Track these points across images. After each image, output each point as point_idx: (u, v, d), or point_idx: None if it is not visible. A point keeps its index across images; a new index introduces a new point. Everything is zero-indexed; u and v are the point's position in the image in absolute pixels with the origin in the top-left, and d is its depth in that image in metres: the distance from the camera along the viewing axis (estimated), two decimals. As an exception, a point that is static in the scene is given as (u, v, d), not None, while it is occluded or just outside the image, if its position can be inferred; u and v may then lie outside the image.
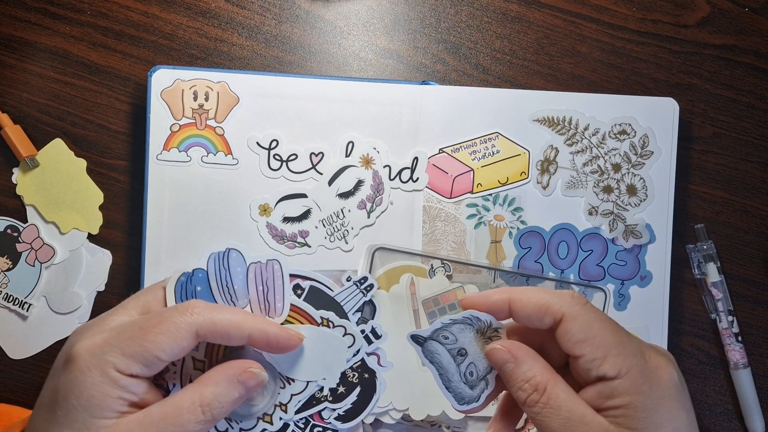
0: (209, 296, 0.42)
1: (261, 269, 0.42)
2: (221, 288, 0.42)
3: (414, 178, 0.52)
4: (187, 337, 0.38)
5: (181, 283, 0.41)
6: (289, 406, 0.44)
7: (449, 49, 0.55)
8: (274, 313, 0.43)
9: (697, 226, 0.55)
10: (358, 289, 0.45)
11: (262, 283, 0.43)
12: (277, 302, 0.43)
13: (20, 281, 0.53)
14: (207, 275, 0.42)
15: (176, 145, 0.51)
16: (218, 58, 0.54)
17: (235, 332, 0.39)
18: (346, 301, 0.45)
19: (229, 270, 0.42)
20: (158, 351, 0.37)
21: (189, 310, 0.38)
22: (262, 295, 0.43)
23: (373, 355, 0.46)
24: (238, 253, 0.42)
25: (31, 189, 0.53)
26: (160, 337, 0.37)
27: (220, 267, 0.42)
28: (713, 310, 0.55)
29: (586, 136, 0.53)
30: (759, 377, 0.55)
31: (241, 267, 0.42)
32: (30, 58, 0.54)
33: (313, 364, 0.43)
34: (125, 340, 0.37)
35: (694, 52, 0.55)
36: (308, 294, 0.44)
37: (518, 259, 0.53)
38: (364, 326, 0.45)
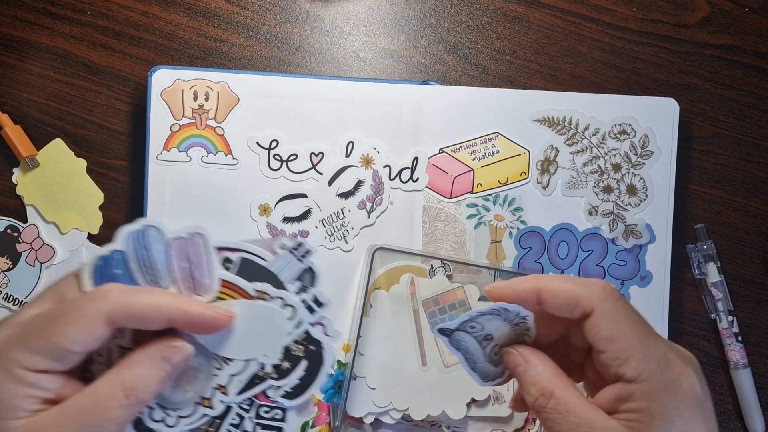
0: (129, 279, 0.38)
1: (183, 244, 0.39)
2: (142, 269, 0.39)
3: (414, 178, 0.52)
4: (99, 325, 0.35)
5: (98, 267, 0.38)
6: (230, 387, 0.41)
7: (449, 49, 0.55)
8: (201, 290, 0.39)
9: (697, 226, 0.55)
10: (294, 257, 0.41)
11: (186, 259, 0.39)
12: (203, 278, 0.39)
13: (20, 281, 0.53)
14: (125, 256, 0.38)
15: (176, 145, 0.51)
16: (218, 58, 0.54)
17: (153, 315, 0.36)
18: (282, 271, 0.41)
19: (148, 248, 0.39)
20: (67, 343, 0.34)
21: (100, 296, 0.36)
22: (187, 271, 0.39)
23: (318, 325, 0.42)
24: (156, 230, 0.39)
25: (32, 189, 0.53)
26: (68, 327, 0.35)
27: (138, 246, 0.39)
28: (713, 310, 0.55)
29: (586, 136, 0.53)
30: (759, 377, 0.55)
31: (160, 244, 0.39)
32: (30, 58, 0.54)
33: (250, 341, 0.40)
34: (30, 335, 0.35)
35: (694, 52, 0.55)
36: (239, 267, 0.41)
37: (518, 259, 0.53)
38: (305, 295, 0.42)
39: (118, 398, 0.35)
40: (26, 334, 0.35)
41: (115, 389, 0.35)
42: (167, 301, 0.37)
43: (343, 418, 0.50)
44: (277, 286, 0.41)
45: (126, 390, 0.35)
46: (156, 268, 0.39)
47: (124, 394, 0.35)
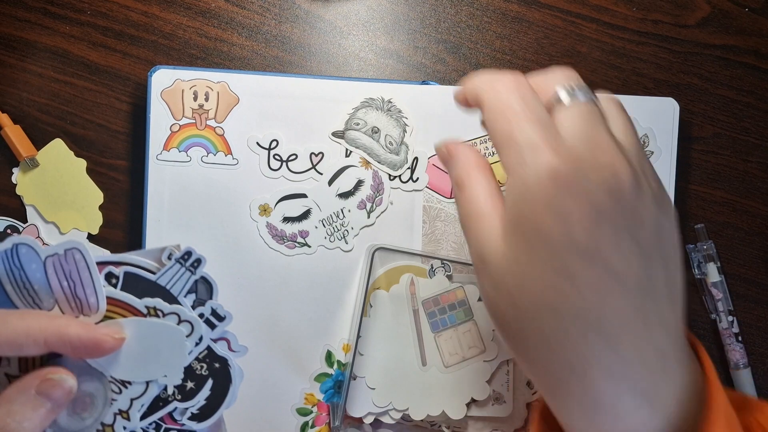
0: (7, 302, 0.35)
1: (60, 261, 0.36)
2: (18, 290, 0.36)
3: (414, 178, 0.52)
4: None
5: None
6: (131, 412, 0.38)
7: (449, 49, 0.55)
8: (88, 310, 0.37)
9: (697, 226, 0.55)
10: (183, 267, 0.38)
11: (66, 277, 0.36)
12: (88, 297, 0.36)
13: (20, 281, 0.53)
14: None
15: (176, 145, 0.51)
16: (218, 58, 0.54)
17: (25, 341, 0.33)
18: (173, 283, 0.38)
19: (22, 268, 0.36)
20: None
21: None
22: (69, 290, 0.36)
23: (222, 341, 0.39)
24: (29, 247, 0.36)
25: (31, 189, 0.53)
26: None
27: (11, 266, 0.36)
28: (713, 310, 0.55)
29: (586, 136, 0.53)
30: (759, 377, 0.55)
31: (35, 263, 0.36)
32: (30, 58, 0.54)
33: (147, 362, 0.37)
34: None
35: (695, 52, 0.55)
36: (124, 281, 0.37)
37: (518, 259, 0.53)
38: (202, 309, 0.39)
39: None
40: None
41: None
42: (41, 326, 0.34)
43: (342, 418, 0.50)
44: (169, 300, 0.38)
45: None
46: (34, 288, 0.36)
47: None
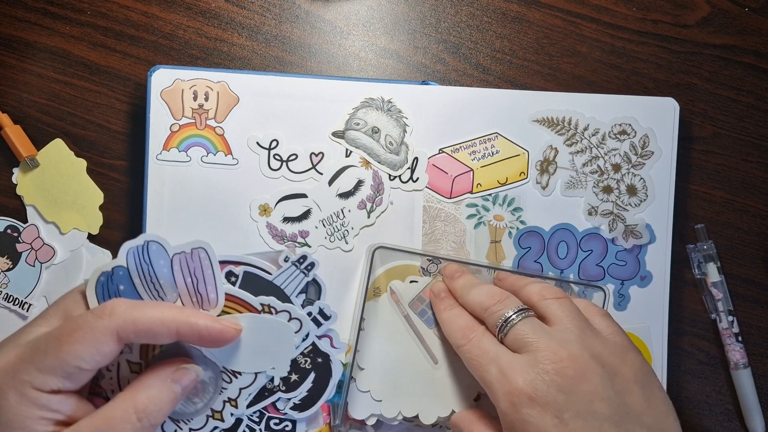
0: (134, 294, 0.38)
1: (186, 259, 0.39)
2: (146, 284, 0.38)
3: (414, 178, 0.52)
4: (108, 341, 0.35)
5: (101, 283, 0.38)
6: (239, 400, 0.41)
7: (449, 49, 0.55)
8: (208, 305, 0.39)
9: (698, 226, 0.55)
10: (298, 270, 0.42)
11: (190, 273, 0.39)
12: (209, 292, 0.39)
13: (20, 281, 0.53)
14: (128, 272, 0.38)
15: (176, 145, 0.51)
16: (218, 58, 0.54)
17: (160, 329, 0.36)
18: (287, 284, 0.42)
19: (151, 264, 0.38)
20: (78, 361, 0.34)
21: (107, 312, 0.35)
22: (192, 287, 0.39)
23: (325, 338, 0.43)
24: (158, 245, 0.38)
25: (31, 189, 0.53)
26: (77, 345, 0.34)
27: (140, 261, 0.38)
28: (713, 310, 0.55)
29: (586, 136, 0.53)
30: (759, 377, 0.55)
31: (164, 259, 0.38)
32: (30, 58, 0.54)
33: (258, 354, 0.40)
34: (40, 354, 0.34)
35: (695, 52, 0.55)
36: (243, 280, 0.41)
37: (518, 259, 0.53)
38: (311, 308, 0.42)
39: (132, 421, 0.35)
40: (36, 353, 0.35)
41: (129, 412, 0.35)
42: (174, 315, 0.37)
43: (343, 418, 0.50)
44: (282, 299, 0.41)
45: (139, 413, 0.35)
46: (160, 283, 0.39)
47: (137, 416, 0.35)
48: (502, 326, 0.43)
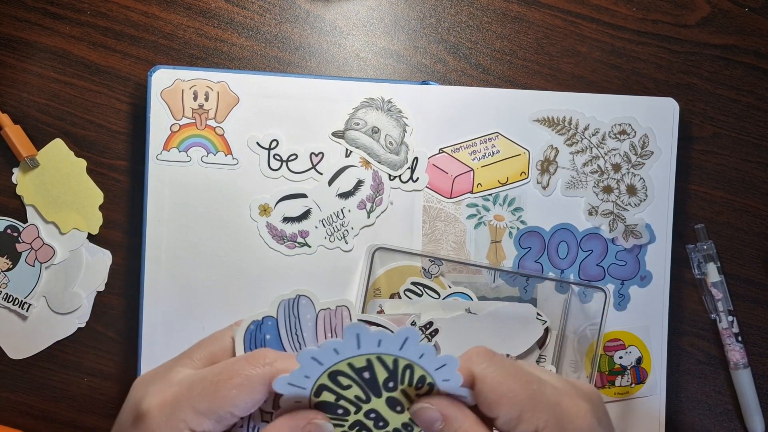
0: (278, 345, 0.40)
1: (330, 316, 0.40)
2: (290, 336, 0.40)
3: (414, 178, 0.52)
4: (261, 390, 0.36)
5: (250, 331, 0.39)
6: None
7: (449, 49, 0.55)
8: None
9: (697, 226, 0.55)
10: (423, 335, 0.44)
11: (332, 330, 0.41)
12: None
13: (20, 281, 0.53)
14: (276, 323, 0.40)
15: (176, 145, 0.51)
16: (218, 58, 0.54)
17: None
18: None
19: (298, 317, 0.40)
20: (231, 407, 0.35)
21: (260, 361, 0.36)
22: None
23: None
24: (308, 300, 0.40)
25: (31, 189, 0.53)
26: (233, 392, 0.35)
27: (290, 314, 0.40)
28: (713, 310, 0.55)
29: (586, 136, 0.53)
30: (759, 378, 0.55)
31: (310, 314, 0.40)
32: (30, 58, 0.54)
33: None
34: (196, 396, 0.35)
35: (694, 52, 0.55)
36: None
37: (518, 259, 0.53)
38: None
39: None
40: (192, 395, 0.35)
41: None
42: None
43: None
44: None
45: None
46: (304, 336, 0.40)
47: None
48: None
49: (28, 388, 0.54)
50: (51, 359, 0.54)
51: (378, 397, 0.36)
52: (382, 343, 0.34)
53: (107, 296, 0.54)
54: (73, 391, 0.54)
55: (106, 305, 0.53)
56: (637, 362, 0.53)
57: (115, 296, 0.54)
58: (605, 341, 0.53)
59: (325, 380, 0.35)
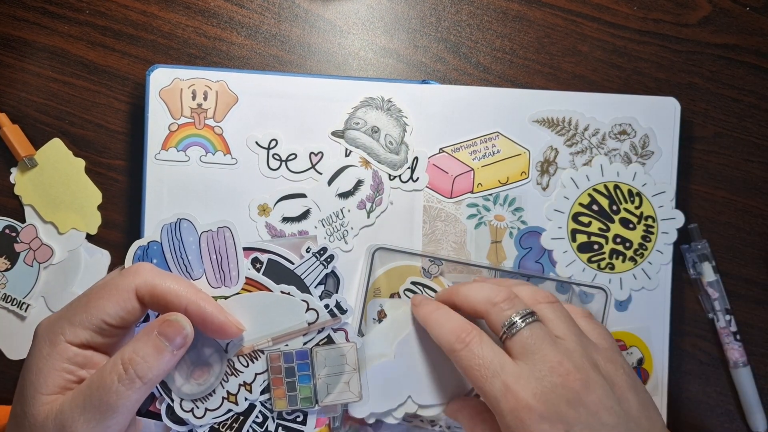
0: (165, 267, 0.41)
1: (213, 237, 0.42)
2: (175, 259, 0.41)
3: (414, 177, 0.52)
4: (130, 297, 0.38)
5: (137, 256, 0.41)
6: (254, 385, 0.42)
7: (449, 48, 0.55)
8: (230, 281, 0.41)
9: (691, 226, 0.54)
10: (318, 261, 0.43)
11: (215, 251, 0.42)
12: (231, 270, 0.42)
13: (18, 281, 0.53)
14: (161, 247, 0.41)
15: (175, 144, 0.51)
16: (217, 57, 0.54)
17: (172, 300, 0.38)
18: (307, 274, 0.43)
19: (181, 240, 0.42)
20: (103, 314, 0.37)
21: (132, 271, 0.38)
22: (216, 264, 0.41)
23: (340, 331, 0.43)
24: (189, 223, 0.42)
25: (29, 189, 0.53)
26: (103, 301, 0.37)
27: (173, 237, 0.42)
28: (710, 309, 0.54)
29: (586, 136, 0.53)
30: (760, 378, 0.54)
31: (193, 237, 0.42)
32: (28, 58, 0.53)
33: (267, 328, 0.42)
34: (72, 309, 0.38)
35: (696, 52, 0.55)
36: (267, 267, 0.42)
37: (519, 259, 0.53)
38: (328, 300, 0.43)
39: (118, 371, 0.37)
40: (70, 310, 0.38)
41: (116, 363, 0.37)
42: (188, 293, 0.39)
43: (343, 419, 0.49)
44: (302, 289, 0.43)
45: (124, 363, 0.37)
46: (189, 258, 0.41)
47: (123, 366, 0.37)
48: (510, 327, 0.42)
49: (27, 389, 0.53)
50: (49, 360, 0.53)
51: None
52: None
53: (106, 296, 0.53)
54: (71, 392, 0.54)
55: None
56: (639, 363, 0.53)
57: (114, 296, 0.53)
58: (606, 342, 0.53)
59: None
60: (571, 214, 0.53)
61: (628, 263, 0.53)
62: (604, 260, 0.53)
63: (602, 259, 0.53)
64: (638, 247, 0.53)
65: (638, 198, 0.53)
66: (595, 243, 0.53)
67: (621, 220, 0.53)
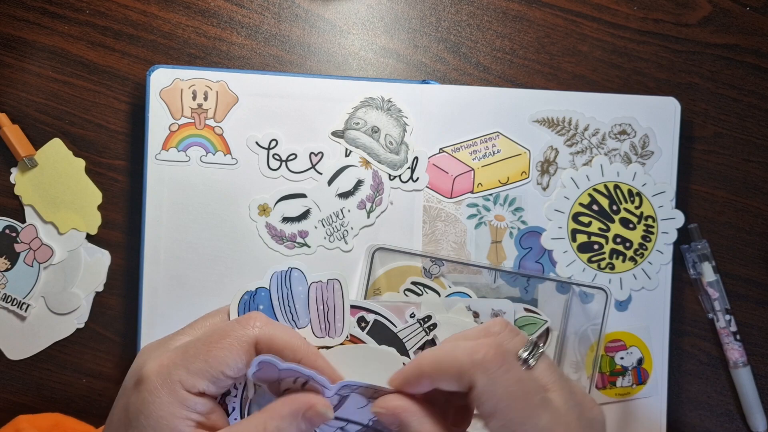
0: (271, 315, 0.41)
1: (322, 288, 0.42)
2: (283, 307, 0.42)
3: (414, 178, 0.52)
4: (250, 350, 0.37)
5: (244, 301, 0.41)
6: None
7: (449, 48, 0.55)
8: (334, 333, 0.42)
9: (691, 226, 0.54)
10: (421, 328, 0.44)
11: (323, 302, 0.42)
12: (336, 322, 0.42)
13: (18, 282, 0.53)
14: (269, 294, 0.41)
15: (175, 144, 0.51)
16: (217, 57, 0.54)
17: (288, 354, 0.38)
18: (408, 338, 0.44)
19: (291, 289, 0.42)
20: (222, 366, 0.36)
21: (250, 323, 0.38)
22: (323, 314, 0.42)
23: None
24: (300, 272, 0.42)
25: (30, 189, 0.53)
26: (224, 351, 0.37)
27: (282, 286, 0.42)
28: (710, 309, 0.54)
29: (586, 136, 0.53)
30: (760, 378, 0.54)
31: (302, 286, 0.42)
32: (28, 58, 0.53)
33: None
34: (190, 358, 0.36)
35: (696, 52, 0.55)
36: (372, 327, 0.43)
37: (519, 259, 0.53)
38: None
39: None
40: (186, 357, 0.37)
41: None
42: (301, 345, 0.39)
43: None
44: (401, 352, 0.43)
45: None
46: (296, 307, 0.41)
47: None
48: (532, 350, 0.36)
49: (27, 389, 0.53)
50: (50, 360, 0.53)
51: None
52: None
53: (106, 297, 0.53)
54: (71, 392, 0.53)
55: (104, 306, 0.53)
56: (638, 363, 0.53)
57: (114, 297, 0.53)
58: (606, 342, 0.53)
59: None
60: (571, 214, 0.53)
61: (628, 263, 0.53)
62: (604, 260, 0.53)
63: (602, 259, 0.53)
64: (638, 247, 0.53)
65: (638, 198, 0.53)
66: (595, 243, 0.53)
67: (621, 220, 0.53)
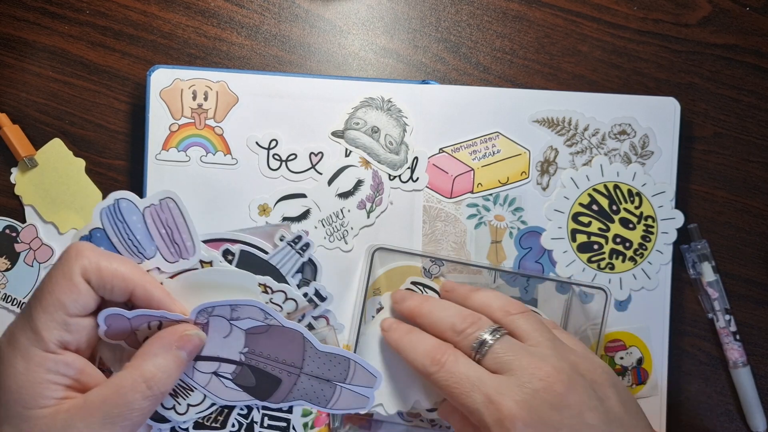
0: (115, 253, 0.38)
1: (157, 211, 0.39)
2: (123, 242, 0.39)
3: (414, 177, 0.52)
4: (80, 281, 0.35)
5: None
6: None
7: (449, 48, 0.55)
8: (186, 253, 0.39)
9: (690, 226, 0.54)
10: (293, 250, 0.41)
11: (163, 225, 0.39)
12: (185, 241, 0.39)
13: (19, 281, 0.53)
14: (105, 233, 0.38)
15: (175, 144, 0.51)
16: (217, 57, 0.54)
17: (119, 284, 0.37)
18: (283, 264, 0.41)
19: (124, 221, 0.39)
20: (59, 306, 0.35)
21: (73, 255, 0.36)
22: (168, 237, 0.39)
23: (321, 318, 0.43)
24: (128, 201, 0.39)
25: (30, 189, 0.53)
26: (55, 293, 0.35)
27: (114, 220, 0.39)
28: (710, 309, 0.54)
29: (586, 136, 0.53)
30: (760, 378, 0.54)
31: (135, 215, 0.39)
32: (28, 58, 0.53)
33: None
34: (30, 315, 0.35)
35: (696, 52, 0.55)
36: (240, 259, 0.40)
37: (519, 259, 0.53)
38: (307, 288, 0.42)
39: (141, 389, 0.36)
40: (27, 318, 0.36)
41: (137, 381, 0.36)
42: (135, 276, 0.37)
43: (342, 419, 0.49)
44: (278, 279, 0.41)
45: (147, 381, 0.36)
46: (137, 238, 0.38)
47: (146, 385, 0.36)
48: (479, 348, 0.42)
49: (27, 389, 0.53)
50: (50, 360, 0.53)
51: None
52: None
53: (106, 296, 0.53)
54: (71, 392, 0.54)
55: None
56: (638, 363, 0.53)
57: (114, 296, 0.53)
58: (606, 342, 0.53)
59: None
60: (571, 214, 0.53)
61: (628, 263, 0.53)
62: (604, 260, 0.53)
63: (602, 259, 0.53)
64: (638, 247, 0.53)
65: (638, 198, 0.53)
66: (595, 243, 0.53)
67: (621, 220, 0.53)
